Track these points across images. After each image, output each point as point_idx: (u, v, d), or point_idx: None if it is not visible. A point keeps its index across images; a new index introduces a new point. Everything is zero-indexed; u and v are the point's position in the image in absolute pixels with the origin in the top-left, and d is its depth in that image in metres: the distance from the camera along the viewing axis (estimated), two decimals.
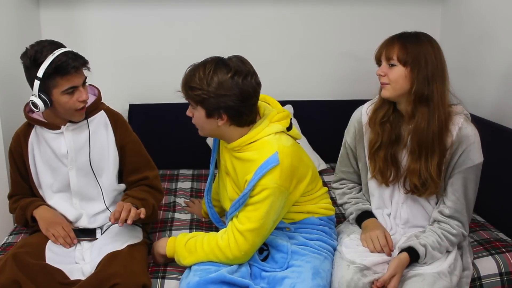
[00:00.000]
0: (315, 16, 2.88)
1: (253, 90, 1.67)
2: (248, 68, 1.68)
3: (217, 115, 1.68)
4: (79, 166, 1.91)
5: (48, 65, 1.72)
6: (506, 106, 2.29)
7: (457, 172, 1.74)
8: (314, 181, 1.84)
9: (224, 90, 1.63)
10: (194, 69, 1.68)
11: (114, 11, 2.77)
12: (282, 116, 1.77)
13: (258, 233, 1.70)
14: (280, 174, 1.65)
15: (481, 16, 2.48)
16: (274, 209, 1.69)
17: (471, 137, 1.72)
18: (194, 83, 1.66)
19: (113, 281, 1.64)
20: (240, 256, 1.71)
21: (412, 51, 1.68)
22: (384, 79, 1.74)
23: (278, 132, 1.73)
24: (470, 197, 1.78)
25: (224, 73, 1.63)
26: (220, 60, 1.68)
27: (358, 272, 1.69)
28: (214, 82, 1.63)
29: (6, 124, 2.29)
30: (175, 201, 2.42)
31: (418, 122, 1.71)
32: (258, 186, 1.66)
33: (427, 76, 1.68)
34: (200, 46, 2.84)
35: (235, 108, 1.66)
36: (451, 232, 1.76)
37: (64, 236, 1.87)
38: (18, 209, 1.96)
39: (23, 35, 2.54)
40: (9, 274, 1.65)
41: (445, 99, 1.72)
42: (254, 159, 1.69)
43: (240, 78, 1.63)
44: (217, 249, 1.72)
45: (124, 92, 2.81)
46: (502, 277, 1.88)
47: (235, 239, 1.70)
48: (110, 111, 1.99)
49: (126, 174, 1.99)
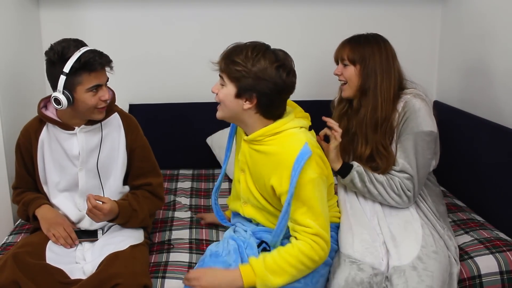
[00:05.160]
0: (314, 16, 2.88)
1: (291, 86, 1.66)
2: (292, 65, 1.67)
3: (248, 96, 1.62)
4: (89, 167, 1.90)
5: (76, 61, 1.71)
6: (506, 106, 2.29)
7: (405, 136, 1.87)
8: (330, 187, 1.82)
9: (266, 76, 1.60)
10: (242, 47, 1.65)
11: (114, 11, 2.77)
12: (305, 115, 1.79)
13: (326, 224, 1.65)
14: (316, 163, 1.63)
15: (481, 16, 2.49)
16: (324, 197, 1.67)
17: (416, 106, 1.86)
18: (239, 59, 1.61)
19: (115, 281, 1.64)
20: (325, 255, 1.65)
21: (359, 51, 1.91)
22: (341, 78, 1.97)
23: (303, 127, 1.71)
24: (421, 162, 1.86)
25: (272, 61, 1.61)
26: (270, 48, 1.66)
27: (355, 267, 1.71)
28: (259, 65, 1.60)
29: (7, 123, 2.29)
30: (175, 200, 2.43)
31: (362, 113, 1.92)
32: (300, 180, 1.59)
33: (371, 71, 1.89)
34: (200, 46, 2.84)
35: (269, 97, 1.62)
36: (396, 180, 1.86)
37: (65, 237, 1.86)
38: (20, 204, 1.96)
39: (23, 35, 2.54)
40: (8, 274, 1.65)
41: (390, 89, 1.89)
42: (279, 152, 1.64)
43: (284, 72, 1.62)
44: (303, 256, 1.61)
45: (124, 92, 2.80)
46: (503, 276, 1.89)
47: (315, 243, 1.62)
48: (124, 114, 1.99)
49: (131, 178, 1.98)
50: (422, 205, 1.91)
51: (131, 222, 1.91)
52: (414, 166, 1.85)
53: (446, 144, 2.18)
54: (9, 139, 2.24)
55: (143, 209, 1.93)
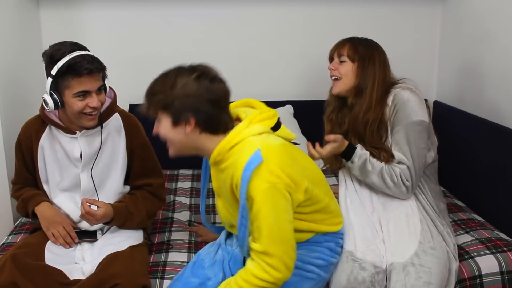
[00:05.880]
0: (315, 16, 2.88)
1: (221, 93, 1.54)
2: (213, 72, 1.56)
3: (184, 120, 1.52)
4: (91, 169, 1.90)
5: (62, 64, 1.71)
6: (506, 106, 2.29)
7: (396, 128, 1.88)
8: (317, 185, 1.63)
9: (190, 91, 1.50)
10: (156, 78, 1.57)
11: (114, 11, 2.77)
12: (266, 116, 1.61)
13: (281, 240, 1.48)
14: (268, 170, 1.46)
15: (481, 16, 2.48)
16: (281, 209, 1.49)
17: (404, 97, 1.88)
18: (156, 88, 1.54)
19: (114, 281, 1.64)
20: (282, 275, 1.49)
21: (360, 51, 1.94)
22: (335, 73, 1.99)
23: (263, 133, 1.56)
24: (414, 151, 1.86)
25: (187, 75, 1.52)
26: (182, 66, 1.57)
27: (357, 265, 1.71)
28: (178, 84, 1.51)
29: (7, 123, 2.29)
30: (175, 200, 2.42)
31: (355, 111, 1.95)
32: (250, 191, 1.46)
33: (369, 73, 1.92)
34: (200, 46, 2.84)
35: (204, 111, 1.51)
36: (395, 170, 1.86)
37: (64, 236, 1.86)
38: (20, 200, 1.95)
39: (23, 35, 2.54)
40: (7, 275, 1.65)
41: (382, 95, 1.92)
42: (235, 164, 1.50)
43: (206, 80, 1.51)
44: (256, 280, 1.49)
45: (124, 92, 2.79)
46: (503, 276, 1.89)
47: (264, 262, 1.48)
48: (124, 114, 1.98)
49: (132, 178, 1.98)
50: (422, 200, 1.90)
51: (127, 224, 1.91)
52: (409, 156, 1.86)
53: (446, 144, 2.18)
54: (9, 139, 2.24)
55: (141, 211, 1.93)
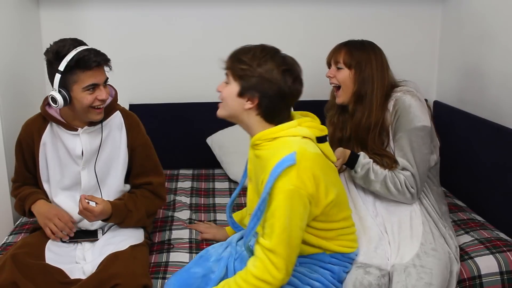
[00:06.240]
0: (315, 16, 2.88)
1: (296, 93, 1.61)
2: (299, 72, 1.62)
3: (250, 96, 1.57)
4: (92, 167, 1.90)
5: (70, 59, 1.70)
6: (506, 106, 2.29)
7: (399, 134, 1.88)
8: (338, 206, 1.64)
9: (271, 78, 1.55)
10: (251, 47, 1.62)
11: (114, 11, 2.77)
12: (316, 125, 1.64)
13: (288, 243, 1.50)
14: (297, 175, 1.49)
15: (481, 16, 2.48)
16: (297, 214, 1.51)
17: (406, 102, 1.87)
18: (245, 58, 1.58)
19: (114, 281, 1.64)
20: (282, 276, 1.51)
21: (356, 56, 1.92)
22: (333, 80, 1.97)
23: (306, 138, 1.59)
24: (419, 157, 1.86)
25: (279, 64, 1.57)
26: (280, 52, 1.62)
27: (361, 271, 1.70)
28: (265, 66, 1.56)
29: (7, 123, 2.29)
30: (175, 199, 2.42)
31: (356, 118, 1.93)
32: (274, 189, 1.49)
33: (367, 77, 1.90)
34: (200, 46, 2.84)
35: (271, 100, 1.57)
36: (400, 177, 1.85)
37: (61, 228, 1.86)
38: (17, 199, 1.96)
39: (23, 35, 2.54)
40: (7, 275, 1.65)
41: (383, 97, 1.91)
42: (269, 158, 1.54)
43: (290, 77, 1.58)
44: (255, 280, 1.51)
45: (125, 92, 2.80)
46: (503, 276, 1.89)
47: (268, 259, 1.50)
48: (125, 112, 1.98)
49: (132, 176, 1.98)
50: (425, 202, 1.91)
51: (125, 222, 1.91)
52: (413, 163, 1.85)
53: (446, 144, 2.18)
54: (9, 138, 2.24)
55: (140, 209, 1.93)
